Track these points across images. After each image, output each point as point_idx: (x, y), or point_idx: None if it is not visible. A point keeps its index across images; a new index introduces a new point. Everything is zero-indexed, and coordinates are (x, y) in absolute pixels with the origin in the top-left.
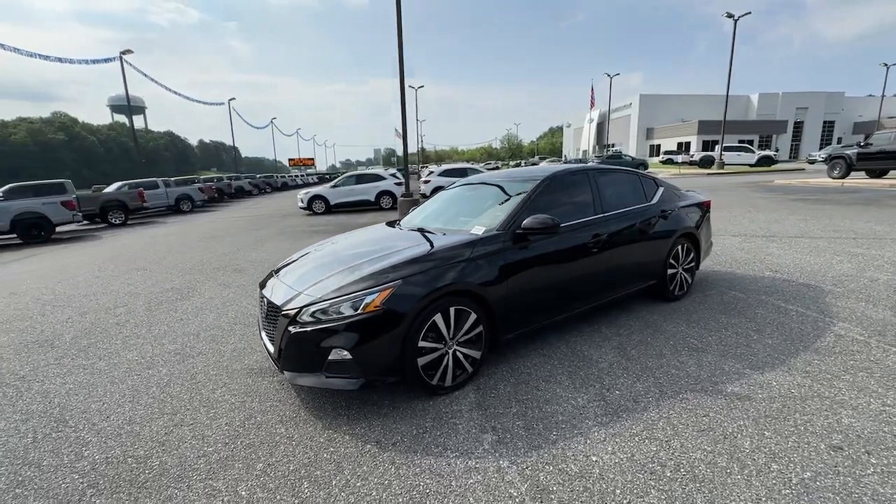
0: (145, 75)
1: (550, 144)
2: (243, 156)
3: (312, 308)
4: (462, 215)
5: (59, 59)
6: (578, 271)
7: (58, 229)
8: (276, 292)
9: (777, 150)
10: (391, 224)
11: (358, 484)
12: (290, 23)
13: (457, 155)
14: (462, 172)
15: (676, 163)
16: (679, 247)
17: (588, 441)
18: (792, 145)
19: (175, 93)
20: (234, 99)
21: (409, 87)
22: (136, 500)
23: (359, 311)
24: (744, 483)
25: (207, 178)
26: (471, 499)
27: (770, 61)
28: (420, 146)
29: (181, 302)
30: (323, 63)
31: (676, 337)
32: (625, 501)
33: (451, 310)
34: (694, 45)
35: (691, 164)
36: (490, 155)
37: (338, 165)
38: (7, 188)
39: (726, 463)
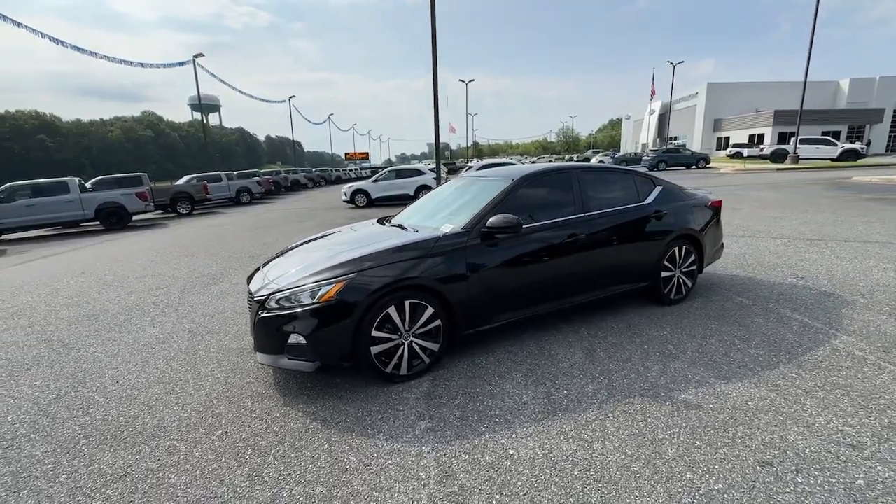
0: (214, 76)
1: (610, 137)
2: (305, 150)
3: (278, 296)
4: (445, 212)
5: (141, 64)
6: (551, 271)
7: (134, 217)
8: (255, 282)
9: (868, 143)
10: (382, 221)
11: (292, 455)
12: (352, 21)
13: (510, 149)
14: (502, 166)
15: (742, 157)
16: (676, 249)
17: (513, 436)
18: (890, 137)
19: (240, 91)
20: (293, 97)
21: (460, 80)
22: (115, 450)
23: (315, 301)
24: (647, 488)
25: (267, 171)
26: (382, 477)
27: (868, 44)
28: (473, 140)
29: (211, 286)
30: (382, 59)
31: (654, 342)
32: (521, 493)
33: (406, 303)
34: (775, 26)
35: (760, 157)
36: (545, 149)
37: (393, 159)
38: (95, 180)
39: (640, 468)
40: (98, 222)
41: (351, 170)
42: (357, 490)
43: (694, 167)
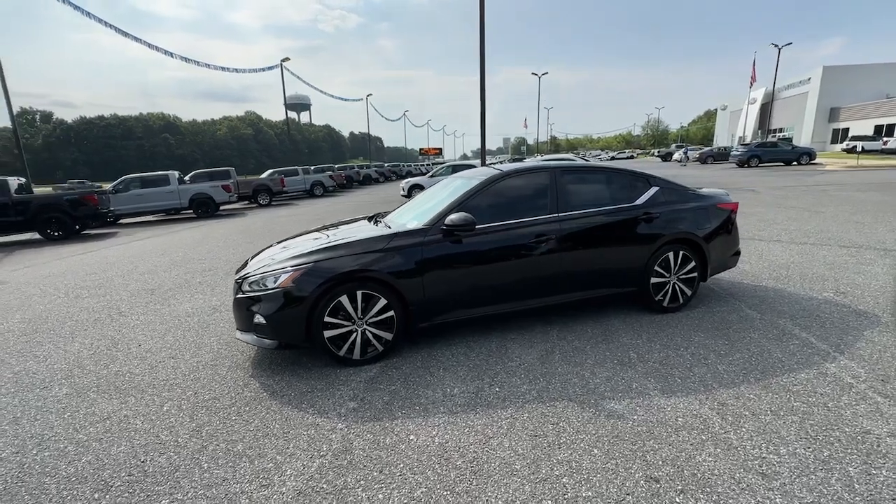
0: (298, 77)
1: (704, 130)
2: (386, 146)
3: (250, 279)
4: (425, 209)
5: (236, 70)
6: (516, 270)
7: (221, 207)
8: (241, 269)
9: None
10: (373, 217)
11: (233, 418)
12: (433, 18)
13: (590, 143)
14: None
15: (857, 152)
16: (671, 254)
17: (422, 423)
18: None
19: (321, 91)
20: (371, 95)
21: (532, 74)
22: (111, 398)
23: (275, 286)
24: (515, 485)
25: (341, 166)
26: (292, 445)
27: None
28: (549, 135)
29: None
30: (459, 54)
31: (619, 349)
32: (397, 473)
33: (359, 293)
34: None
35: (883, 153)
36: (629, 143)
37: (469, 154)
38: (192, 174)
39: (521, 466)
40: (191, 211)
41: (423, 165)
42: (265, 452)
43: (795, 163)
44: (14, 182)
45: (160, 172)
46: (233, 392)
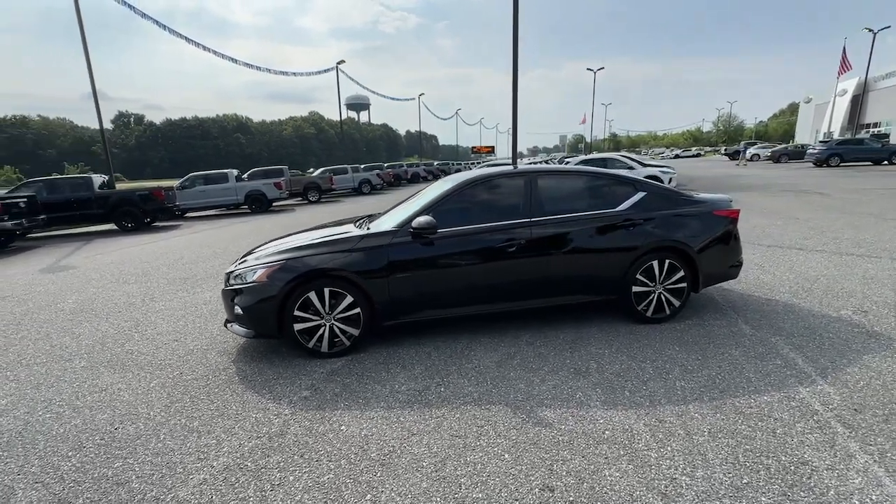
0: (351, 78)
1: (786, 125)
2: (441, 144)
3: (235, 273)
4: (406, 211)
5: (293, 73)
6: (485, 274)
7: (274, 204)
8: (237, 262)
9: None
10: (359, 219)
11: (202, 398)
12: (491, 15)
13: (654, 140)
14: (602, 163)
15: None
16: (655, 262)
17: (358, 415)
18: None
19: (373, 92)
20: (423, 94)
21: (587, 69)
22: (114, 372)
23: (252, 280)
24: (413, 480)
25: (389, 165)
26: (238, 426)
27: None
28: (609, 132)
29: None
30: (520, 51)
31: (581, 359)
32: (314, 459)
33: (326, 290)
34: None
35: None
36: (697, 140)
37: (524, 153)
38: (250, 172)
39: (429, 463)
40: (246, 206)
41: (472, 163)
42: (214, 430)
43: (886, 163)
44: (98, 179)
45: (220, 170)
46: (211, 375)
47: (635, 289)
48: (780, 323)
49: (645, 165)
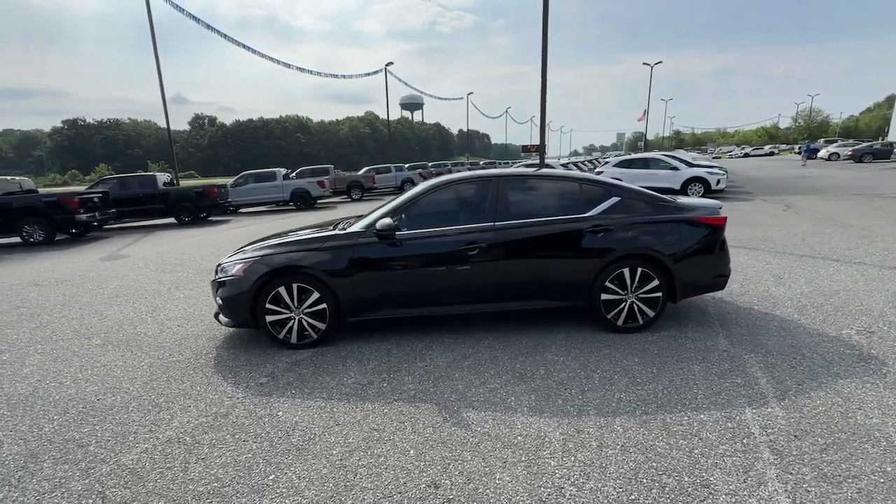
0: (399, 79)
1: (881, 119)
2: (493, 142)
3: (221, 266)
4: (379, 212)
5: (343, 76)
6: (447, 276)
7: (319, 201)
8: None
9: None
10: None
11: (175, 378)
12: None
13: (723, 138)
14: (644, 163)
15: None
16: (626, 270)
17: (299, 403)
18: None
19: (421, 92)
20: (472, 93)
21: (644, 64)
22: (120, 351)
23: (231, 274)
24: (318, 465)
25: (435, 164)
26: (193, 406)
27: None
28: (670, 129)
29: None
30: (576, 46)
31: (532, 364)
32: (242, 439)
33: (294, 286)
34: None
35: None
36: (773, 137)
37: (580, 151)
38: (298, 170)
39: (337, 452)
40: (292, 203)
41: (518, 162)
42: (173, 407)
43: None
44: (163, 177)
45: (269, 169)
46: (192, 358)
47: (604, 296)
48: (765, 339)
49: (691, 166)
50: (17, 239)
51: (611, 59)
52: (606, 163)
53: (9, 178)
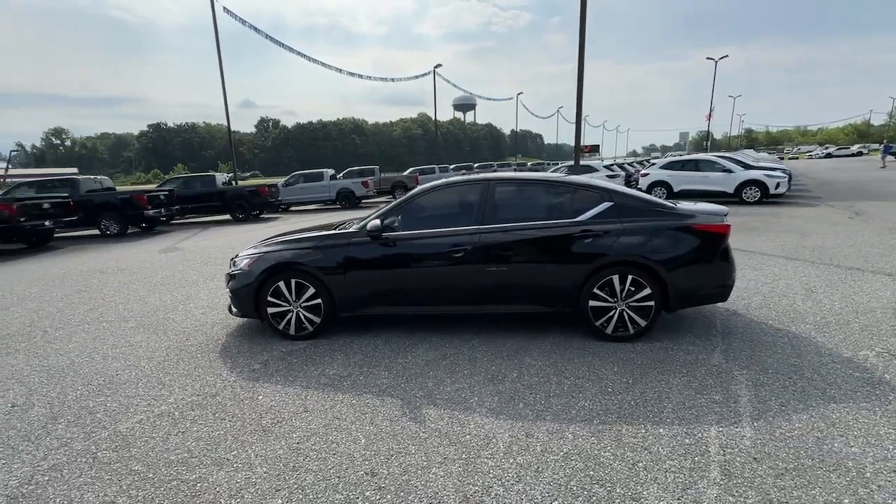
0: (447, 81)
1: None
2: (546, 143)
3: (235, 259)
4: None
5: (392, 80)
6: (433, 277)
7: (363, 201)
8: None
9: None
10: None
11: (183, 361)
12: (607, 8)
13: (802, 137)
14: (694, 165)
15: None
16: (616, 277)
17: (280, 390)
18: None
19: (468, 93)
20: (521, 93)
21: (708, 59)
22: (146, 333)
23: (239, 268)
24: (276, 445)
25: (481, 165)
26: (190, 385)
27: None
28: (742, 127)
29: None
30: (638, 41)
31: (507, 368)
32: (220, 417)
33: (293, 281)
34: None
35: None
36: (862, 135)
37: (639, 151)
38: (346, 171)
39: (297, 435)
40: (337, 203)
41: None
42: (173, 385)
43: None
44: (222, 177)
45: (316, 170)
46: (204, 343)
47: (592, 303)
48: (765, 357)
49: (748, 167)
50: (95, 231)
51: (675, 55)
52: (653, 164)
53: (92, 177)
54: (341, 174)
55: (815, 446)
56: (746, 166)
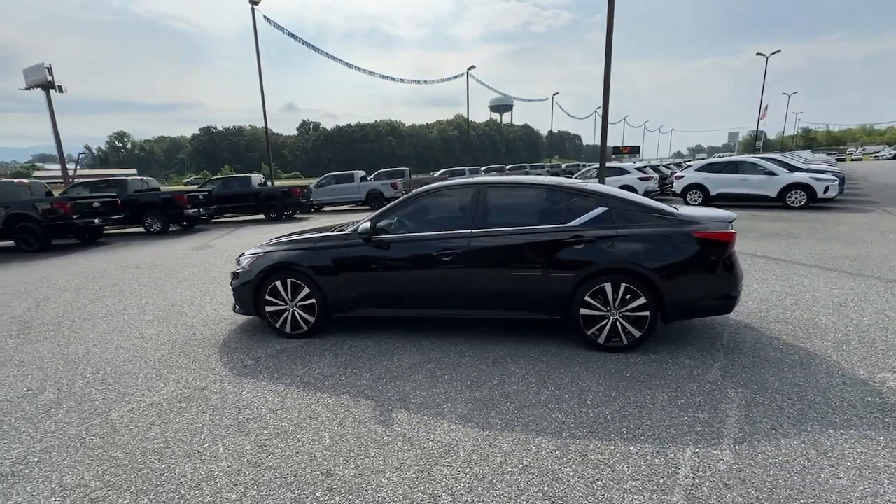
0: (480, 82)
1: None
2: (584, 144)
3: (239, 258)
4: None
5: (426, 82)
6: (422, 280)
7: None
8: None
9: None
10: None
11: (184, 354)
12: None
13: (867, 136)
14: (733, 167)
15: None
16: (608, 285)
17: (264, 386)
18: None
19: (502, 94)
20: (557, 94)
21: (758, 54)
22: (159, 326)
23: (241, 266)
24: (245, 440)
25: (514, 166)
26: (184, 378)
27: None
28: (798, 127)
29: None
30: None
31: (488, 374)
32: (203, 408)
33: (289, 281)
34: None
35: None
36: None
37: (685, 152)
38: (377, 172)
39: (268, 431)
40: (366, 204)
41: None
42: (168, 376)
43: None
44: (257, 178)
45: (347, 171)
46: (208, 338)
47: (584, 311)
48: (768, 374)
49: (794, 170)
50: (140, 228)
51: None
52: (689, 166)
53: (139, 177)
54: (371, 176)
55: (797, 475)
56: (792, 168)
